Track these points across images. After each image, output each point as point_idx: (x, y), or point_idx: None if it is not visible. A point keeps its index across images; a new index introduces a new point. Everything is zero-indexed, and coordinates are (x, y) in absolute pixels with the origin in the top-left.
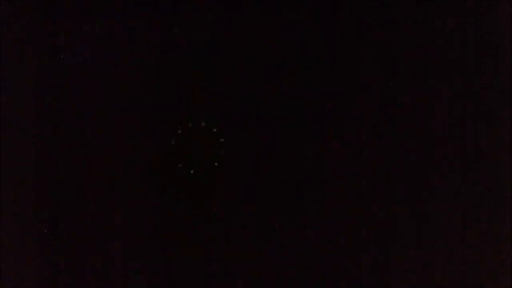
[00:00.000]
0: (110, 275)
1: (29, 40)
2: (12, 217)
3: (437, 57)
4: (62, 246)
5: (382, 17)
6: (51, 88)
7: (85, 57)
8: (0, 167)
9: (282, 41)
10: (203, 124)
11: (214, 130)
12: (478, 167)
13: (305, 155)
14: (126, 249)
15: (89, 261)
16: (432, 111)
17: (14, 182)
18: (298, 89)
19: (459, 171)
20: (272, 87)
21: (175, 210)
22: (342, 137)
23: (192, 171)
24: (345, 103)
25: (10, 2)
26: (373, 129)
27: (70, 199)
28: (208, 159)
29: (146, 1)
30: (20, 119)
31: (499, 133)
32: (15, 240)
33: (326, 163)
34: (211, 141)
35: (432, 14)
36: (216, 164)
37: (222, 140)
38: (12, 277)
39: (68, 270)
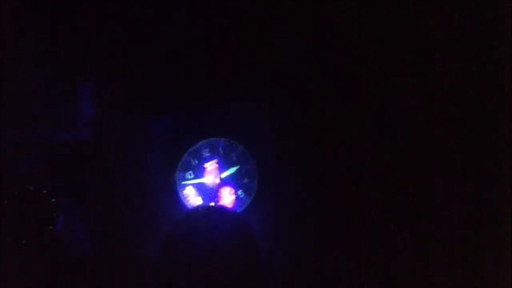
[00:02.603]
0: None
1: None
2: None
3: (436, 56)
4: None
5: (380, 15)
6: None
7: None
8: None
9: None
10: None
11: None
12: (478, 167)
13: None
14: None
15: None
16: (431, 111)
17: None
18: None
19: (459, 171)
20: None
21: None
22: (342, 140)
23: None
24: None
25: None
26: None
27: None
28: None
29: None
30: None
31: (499, 133)
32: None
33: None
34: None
35: (432, 12)
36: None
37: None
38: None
39: None
